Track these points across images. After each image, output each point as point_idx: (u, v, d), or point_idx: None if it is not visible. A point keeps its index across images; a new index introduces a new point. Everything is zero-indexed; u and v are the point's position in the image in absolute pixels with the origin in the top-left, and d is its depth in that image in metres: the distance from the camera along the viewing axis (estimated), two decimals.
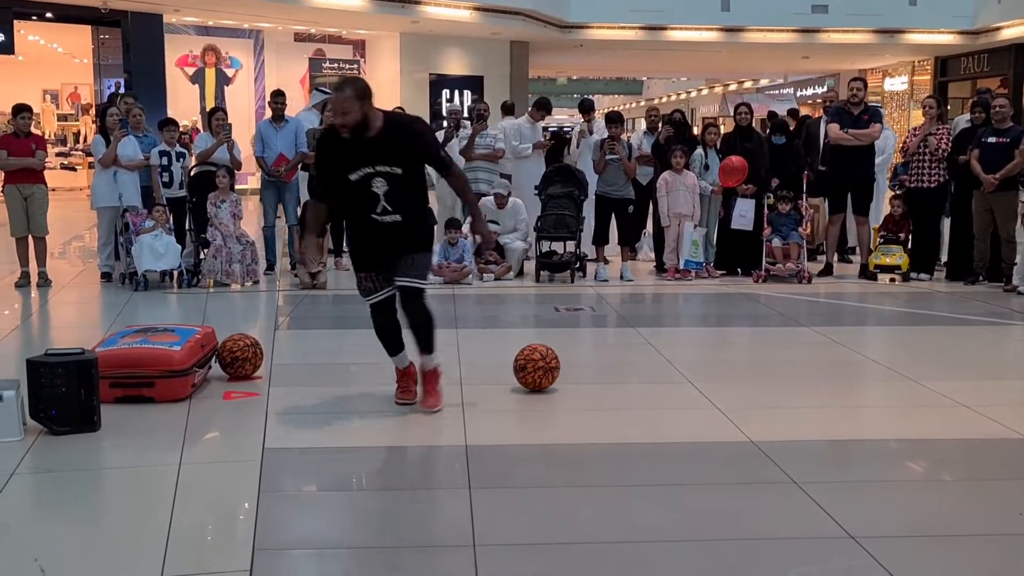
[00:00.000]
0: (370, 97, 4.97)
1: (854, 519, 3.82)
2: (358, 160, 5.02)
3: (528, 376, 5.64)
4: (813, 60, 28.09)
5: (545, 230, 9.94)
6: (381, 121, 5.03)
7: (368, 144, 5.00)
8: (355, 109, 4.90)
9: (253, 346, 5.95)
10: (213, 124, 10.04)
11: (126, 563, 3.47)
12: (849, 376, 6.47)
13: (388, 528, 3.84)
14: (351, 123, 4.92)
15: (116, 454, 4.65)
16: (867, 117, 10.05)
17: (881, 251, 10.19)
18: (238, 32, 21.98)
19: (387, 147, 5.01)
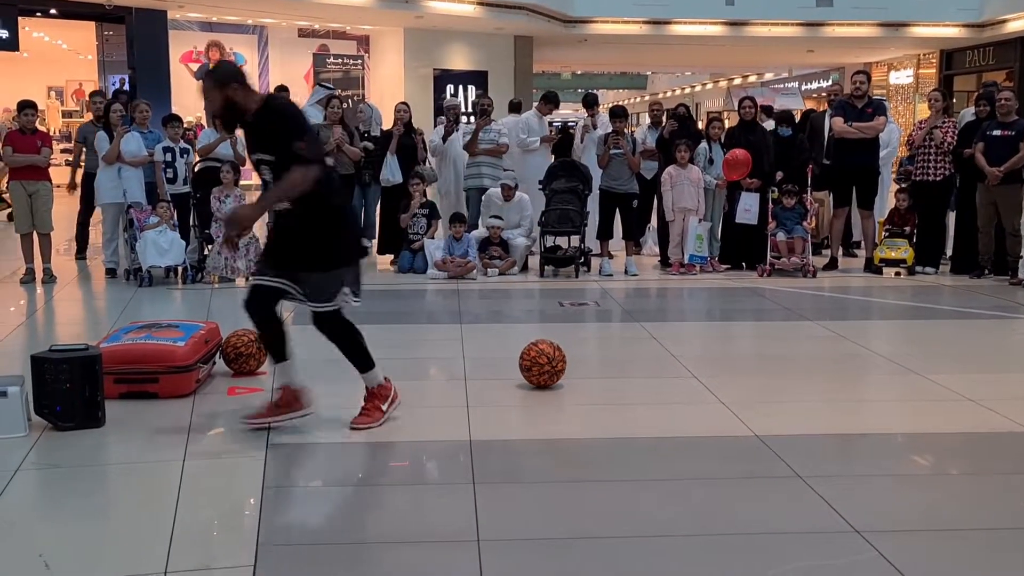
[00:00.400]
0: (236, 80, 4.66)
1: (859, 513, 3.81)
2: (248, 145, 4.91)
3: (533, 378, 5.63)
4: (818, 54, 28.01)
5: (549, 225, 9.93)
6: (257, 105, 4.73)
7: (248, 129, 4.82)
8: (215, 97, 4.65)
9: (257, 342, 5.95)
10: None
11: (131, 558, 3.46)
12: (854, 370, 6.45)
13: (393, 523, 3.84)
14: (214, 111, 4.76)
15: (120, 450, 4.65)
16: (871, 110, 10.02)
17: (886, 245, 10.17)
18: (242, 28, 21.98)
19: (259, 133, 4.78)
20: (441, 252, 9.77)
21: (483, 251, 9.88)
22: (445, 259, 9.69)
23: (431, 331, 7.65)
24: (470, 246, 9.76)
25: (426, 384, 6.22)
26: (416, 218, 10.03)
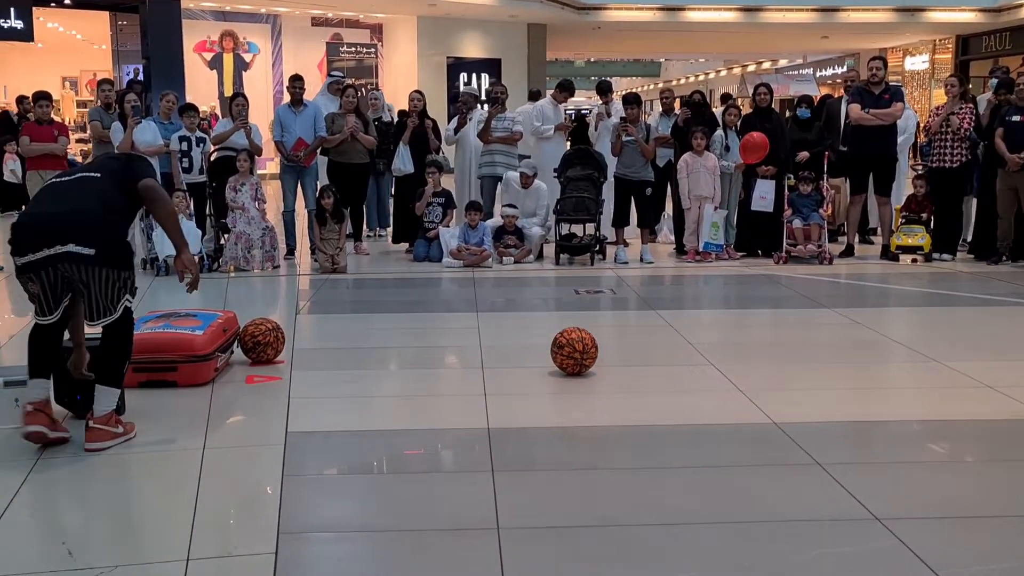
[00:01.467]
0: None
1: (879, 500, 3.80)
2: None
3: (559, 358, 5.63)
4: (833, 40, 27.88)
5: (564, 213, 9.92)
6: None
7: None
8: None
9: (275, 330, 5.97)
10: (233, 109, 10.05)
11: (152, 546, 3.49)
12: (872, 357, 6.43)
13: (411, 511, 3.85)
14: None
15: (140, 438, 4.66)
16: (888, 96, 9.97)
17: (903, 231, 10.13)
18: (255, 17, 21.99)
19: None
20: (457, 240, 9.77)
21: (498, 239, 9.87)
22: (460, 247, 9.69)
23: (447, 319, 7.66)
24: (485, 234, 9.76)
25: (443, 372, 6.23)
26: (431, 206, 10.03)
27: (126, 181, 4.62)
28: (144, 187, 4.60)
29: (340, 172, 10.26)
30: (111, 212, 4.50)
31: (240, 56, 21.96)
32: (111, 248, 4.42)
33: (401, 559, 3.45)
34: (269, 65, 22.37)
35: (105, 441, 4.43)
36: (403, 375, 6.00)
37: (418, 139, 10.55)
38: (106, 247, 4.38)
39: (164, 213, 4.74)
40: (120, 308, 4.47)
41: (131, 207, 4.66)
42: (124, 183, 4.61)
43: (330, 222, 9.44)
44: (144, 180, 4.62)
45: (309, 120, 10.11)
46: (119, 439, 4.49)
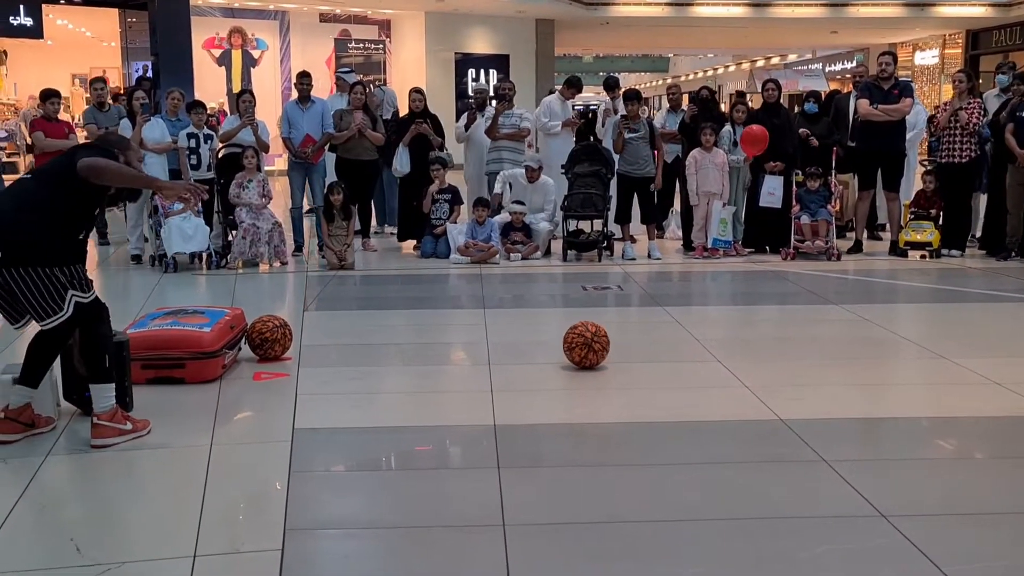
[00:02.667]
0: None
1: (885, 497, 3.80)
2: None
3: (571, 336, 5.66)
4: (842, 35, 27.79)
5: (572, 209, 9.91)
6: None
7: None
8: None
9: (282, 327, 5.98)
10: (240, 106, 10.06)
11: (160, 543, 3.50)
12: (879, 354, 6.42)
13: (418, 508, 3.86)
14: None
15: (148, 435, 4.69)
16: (897, 92, 9.94)
17: (912, 227, 10.10)
18: (264, 14, 22.00)
19: None
20: (464, 237, 9.77)
21: (505, 236, 9.87)
22: (468, 243, 9.69)
23: (454, 316, 7.66)
24: (493, 231, 9.76)
25: (450, 369, 6.25)
26: (438, 203, 10.04)
27: (64, 173, 4.41)
28: (82, 169, 4.34)
29: (348, 168, 10.26)
30: (24, 210, 4.35)
31: (248, 52, 21.96)
32: (23, 248, 4.30)
33: (408, 555, 3.47)
34: (277, 61, 22.37)
35: (110, 437, 4.44)
36: (410, 371, 6.01)
37: (418, 138, 10.54)
38: (16, 248, 4.29)
39: (116, 178, 4.46)
40: (68, 305, 4.35)
41: (67, 199, 4.37)
42: (61, 175, 4.42)
43: (338, 219, 9.46)
44: (80, 163, 4.35)
45: (317, 117, 10.12)
46: (126, 436, 4.49)
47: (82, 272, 4.46)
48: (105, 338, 4.55)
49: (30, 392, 4.55)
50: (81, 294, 4.41)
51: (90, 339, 4.51)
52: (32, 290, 4.32)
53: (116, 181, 4.50)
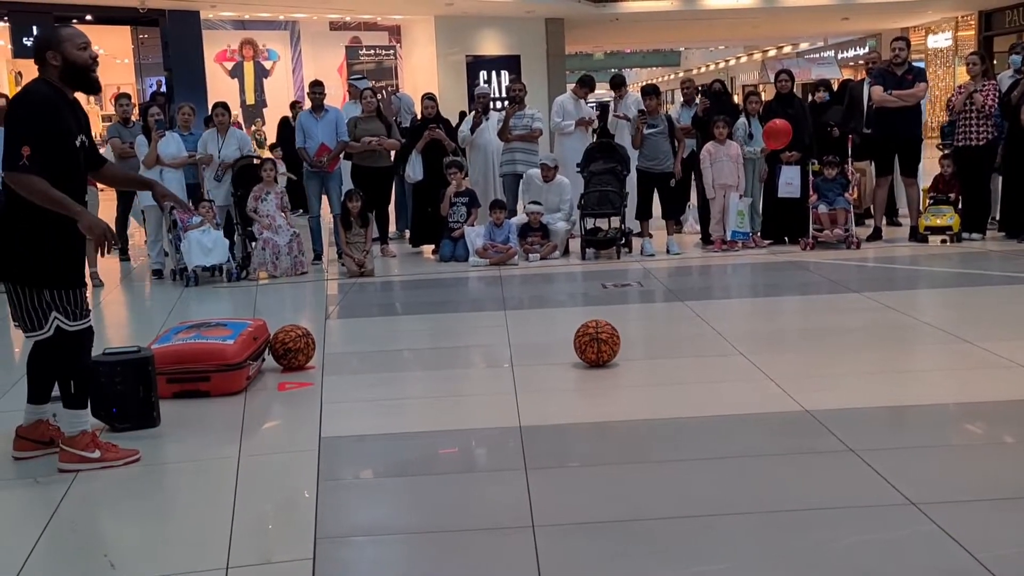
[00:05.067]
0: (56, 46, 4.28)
1: (915, 485, 3.78)
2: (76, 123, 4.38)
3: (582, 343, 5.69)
4: (853, 21, 27.65)
5: (589, 207, 9.91)
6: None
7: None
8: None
9: (305, 336, 6.00)
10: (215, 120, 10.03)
11: (192, 556, 3.52)
12: (903, 340, 6.39)
13: (447, 512, 3.87)
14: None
15: (177, 448, 4.72)
16: (911, 77, 9.89)
17: (931, 212, 10.04)
18: (274, 24, 22.11)
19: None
20: (482, 239, 9.79)
21: (523, 237, 9.88)
22: (486, 246, 9.70)
23: (476, 319, 7.67)
24: (511, 232, 9.77)
25: (473, 372, 6.25)
26: (456, 206, 10.05)
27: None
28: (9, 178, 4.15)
29: (364, 176, 10.29)
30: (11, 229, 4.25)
31: (260, 64, 22.08)
32: (8, 264, 4.26)
33: (439, 560, 3.47)
34: (289, 71, 22.49)
35: (72, 463, 4.34)
36: (434, 376, 6.02)
37: (431, 144, 10.56)
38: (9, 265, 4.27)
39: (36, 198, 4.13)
40: (50, 327, 4.26)
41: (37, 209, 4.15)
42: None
43: (355, 226, 9.48)
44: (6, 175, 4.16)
45: (331, 125, 10.15)
46: (91, 464, 4.34)
47: (73, 297, 4.30)
48: (81, 368, 4.42)
49: (38, 409, 4.54)
50: (65, 320, 4.27)
51: (65, 364, 4.40)
52: (17, 302, 4.30)
53: (44, 204, 4.16)
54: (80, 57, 4.32)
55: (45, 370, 4.50)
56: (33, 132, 4.14)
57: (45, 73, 4.32)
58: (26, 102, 4.27)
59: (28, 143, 4.10)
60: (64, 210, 4.16)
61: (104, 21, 19.47)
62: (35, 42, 4.51)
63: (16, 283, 4.29)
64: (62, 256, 4.27)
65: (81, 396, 4.44)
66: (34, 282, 4.25)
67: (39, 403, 4.55)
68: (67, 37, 4.35)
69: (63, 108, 4.29)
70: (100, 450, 4.43)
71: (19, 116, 4.23)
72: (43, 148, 4.13)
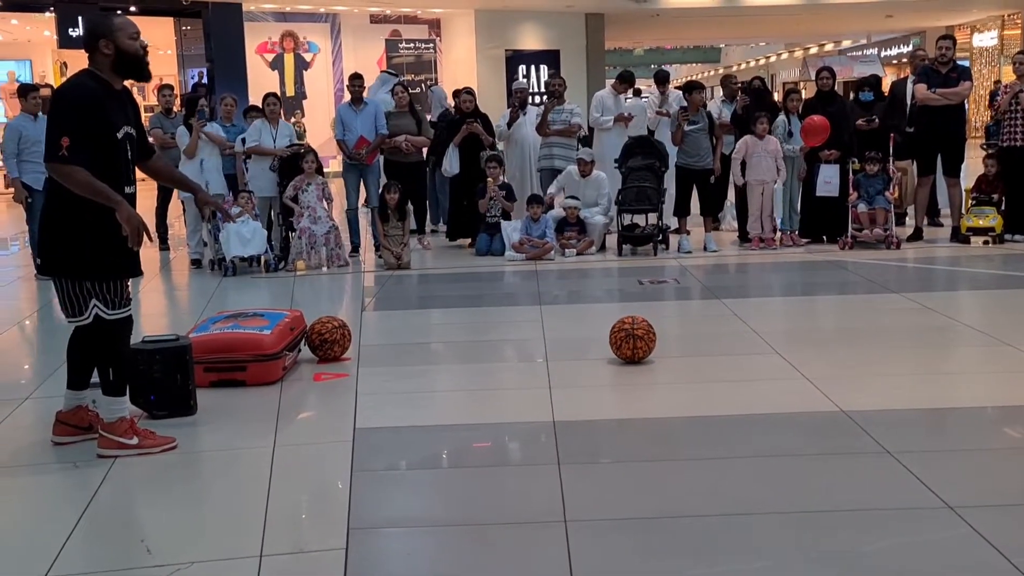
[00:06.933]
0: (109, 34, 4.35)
1: (952, 489, 3.74)
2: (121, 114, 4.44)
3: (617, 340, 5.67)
4: (897, 19, 27.34)
5: (626, 203, 9.88)
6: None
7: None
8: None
9: (341, 328, 6.04)
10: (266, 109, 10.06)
11: (227, 543, 3.56)
12: (943, 342, 6.33)
13: (480, 505, 3.88)
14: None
15: (213, 437, 4.76)
16: (956, 76, 9.77)
17: (974, 213, 9.92)
18: (315, 17, 22.20)
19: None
20: (519, 234, 9.79)
21: (560, 232, 9.87)
22: (523, 240, 9.70)
23: (511, 313, 7.67)
24: (548, 227, 9.77)
25: (508, 366, 6.26)
26: (493, 200, 10.06)
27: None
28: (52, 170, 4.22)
29: (395, 170, 10.33)
30: (50, 220, 4.36)
31: (300, 56, 22.19)
32: (52, 256, 4.35)
33: (471, 552, 3.49)
34: (329, 64, 22.58)
35: (112, 449, 4.40)
36: (468, 369, 6.03)
37: (468, 138, 10.57)
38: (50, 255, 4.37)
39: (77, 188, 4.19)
40: (89, 314, 4.33)
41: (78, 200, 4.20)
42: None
43: (393, 219, 9.52)
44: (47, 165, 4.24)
45: (370, 118, 10.18)
46: (129, 450, 4.40)
47: (113, 287, 4.35)
48: (119, 356, 4.48)
49: (77, 395, 4.60)
50: (105, 308, 4.33)
51: (104, 353, 4.46)
52: (60, 288, 4.38)
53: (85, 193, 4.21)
54: (132, 47, 4.40)
55: (84, 356, 4.56)
56: (72, 125, 4.19)
57: (95, 62, 4.39)
58: (68, 96, 4.34)
59: (67, 135, 4.15)
60: (104, 199, 4.21)
61: (148, 12, 19.65)
62: (87, 30, 4.55)
63: (57, 275, 4.36)
64: (101, 246, 4.29)
65: (119, 383, 4.49)
66: (73, 273, 4.31)
67: (79, 389, 4.61)
68: (120, 26, 4.42)
69: (106, 101, 4.33)
70: (138, 437, 4.48)
71: (60, 109, 4.31)
72: (83, 141, 4.19)
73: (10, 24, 20.63)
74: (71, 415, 4.60)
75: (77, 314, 4.37)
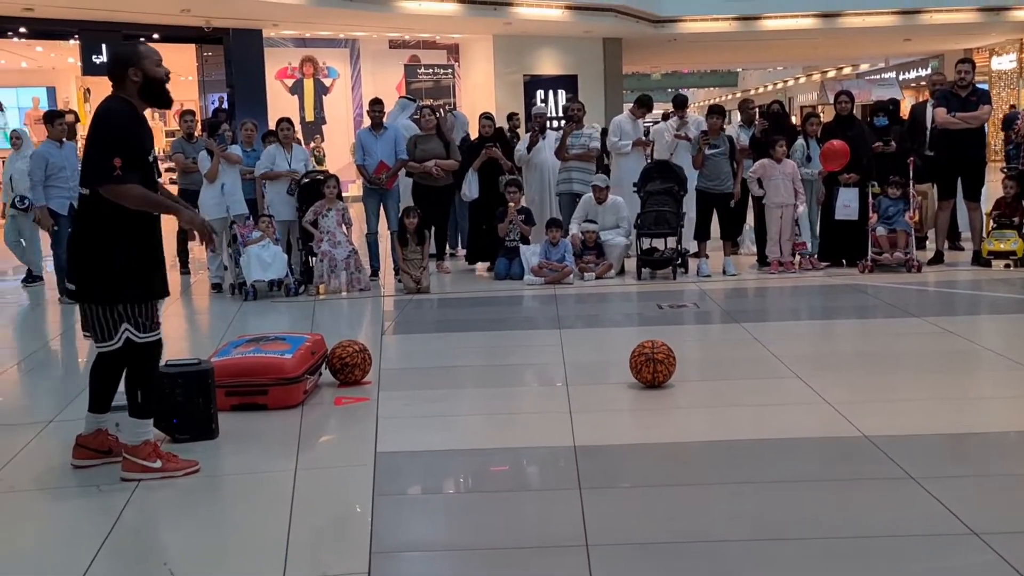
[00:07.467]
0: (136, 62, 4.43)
1: (977, 514, 3.71)
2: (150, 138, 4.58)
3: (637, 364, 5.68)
4: (915, 42, 27.32)
5: (645, 227, 9.89)
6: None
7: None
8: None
9: (362, 352, 6.05)
10: (280, 135, 10.15)
11: (249, 567, 3.57)
12: (965, 367, 6.29)
13: (501, 529, 3.88)
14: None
15: (235, 460, 4.78)
16: (975, 99, 9.76)
17: (995, 236, 9.88)
18: (334, 42, 22.36)
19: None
20: (538, 258, 9.81)
21: (579, 256, 9.88)
22: (542, 264, 9.72)
23: (531, 337, 7.68)
24: (567, 251, 9.78)
25: (528, 390, 6.26)
26: (513, 224, 10.08)
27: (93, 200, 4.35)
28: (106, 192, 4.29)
29: (424, 194, 10.37)
30: (80, 246, 4.42)
31: (320, 81, 22.35)
32: (84, 282, 4.40)
33: None
34: (349, 89, 22.72)
35: (133, 472, 4.43)
36: (488, 393, 6.04)
37: (488, 162, 10.62)
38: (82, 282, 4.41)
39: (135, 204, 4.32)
40: (119, 338, 4.38)
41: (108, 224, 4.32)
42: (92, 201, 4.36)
43: (412, 243, 9.55)
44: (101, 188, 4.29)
45: (390, 143, 10.24)
46: (152, 473, 4.42)
47: (144, 310, 4.40)
48: (149, 379, 4.52)
49: (98, 418, 4.63)
50: (136, 332, 4.38)
51: (133, 375, 4.50)
52: (89, 313, 4.43)
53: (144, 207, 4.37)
54: (158, 73, 4.50)
55: (106, 380, 4.60)
56: (121, 146, 4.29)
57: (122, 89, 4.46)
58: (112, 119, 4.40)
59: (118, 155, 4.25)
60: (164, 210, 4.44)
61: (170, 39, 19.85)
62: (114, 59, 4.62)
63: (89, 301, 4.41)
64: (132, 271, 4.36)
65: (147, 406, 4.52)
66: (106, 298, 4.36)
67: (99, 412, 4.64)
68: (146, 54, 4.51)
69: (141, 124, 4.47)
70: (161, 460, 4.50)
71: (106, 132, 4.37)
72: (130, 161, 4.29)
73: (34, 51, 20.87)
74: (91, 439, 4.63)
75: (107, 339, 4.41)
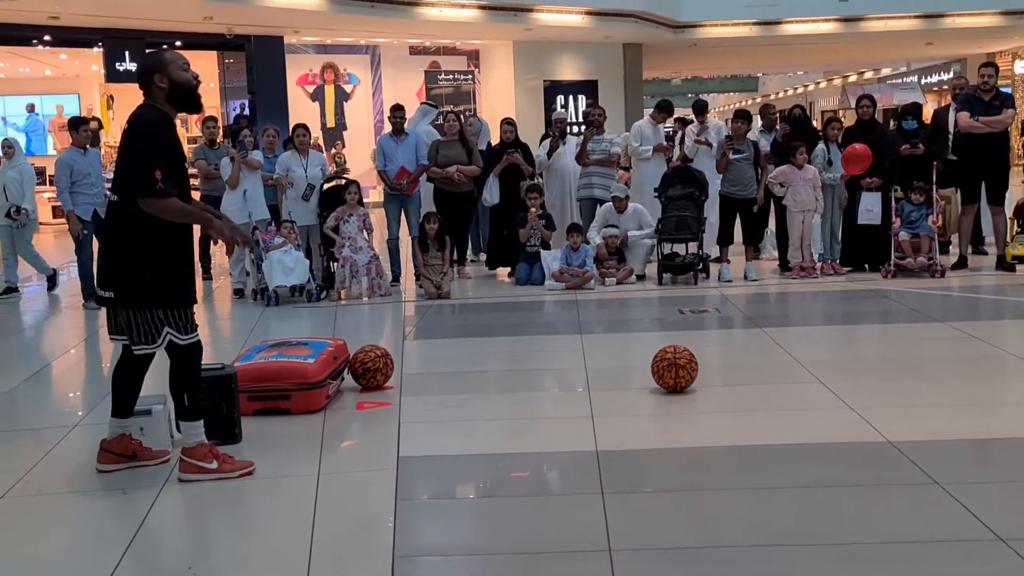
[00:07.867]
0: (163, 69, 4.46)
1: (1003, 520, 3.69)
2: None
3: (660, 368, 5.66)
4: (937, 46, 27.17)
5: (666, 232, 9.88)
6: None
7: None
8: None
9: (383, 356, 6.07)
10: (296, 141, 10.18)
11: (272, 571, 3.59)
12: (989, 372, 6.25)
13: (524, 534, 3.88)
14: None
15: (258, 465, 4.77)
16: (999, 103, 9.71)
17: (1019, 241, 9.81)
18: (355, 49, 22.45)
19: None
20: (559, 263, 9.81)
21: (599, 261, 9.87)
22: (563, 269, 9.72)
23: (551, 342, 7.68)
24: (587, 256, 9.78)
25: (550, 395, 6.26)
26: (534, 230, 10.09)
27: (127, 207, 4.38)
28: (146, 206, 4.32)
29: (445, 199, 10.40)
30: (115, 253, 4.46)
31: (341, 87, 22.44)
32: (124, 288, 4.42)
33: None
34: (369, 95, 22.81)
35: (190, 473, 4.48)
36: (510, 398, 6.04)
37: (508, 168, 10.63)
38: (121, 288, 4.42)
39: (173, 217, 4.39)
40: (162, 341, 4.44)
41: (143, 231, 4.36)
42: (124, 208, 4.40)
43: (432, 248, 9.58)
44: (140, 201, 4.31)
45: (411, 149, 10.27)
46: (208, 474, 4.48)
47: (183, 314, 4.48)
48: (192, 380, 4.57)
49: (121, 423, 4.66)
50: (178, 334, 4.46)
51: (178, 378, 4.55)
52: (131, 321, 4.45)
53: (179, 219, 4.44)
54: (185, 77, 4.51)
55: (129, 384, 4.64)
56: (160, 156, 4.33)
57: (151, 97, 4.49)
58: (146, 125, 4.43)
59: (159, 167, 4.28)
60: (199, 221, 4.53)
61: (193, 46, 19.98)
62: (141, 68, 4.65)
63: (131, 307, 4.43)
64: (166, 276, 4.42)
65: (195, 408, 4.56)
66: (144, 304, 4.41)
67: (123, 417, 4.67)
68: (171, 60, 4.54)
69: (175, 131, 4.54)
70: (217, 461, 4.55)
71: (144, 141, 4.40)
72: (169, 171, 4.33)
73: (58, 59, 21.03)
74: (115, 443, 4.66)
75: (150, 342, 4.46)
